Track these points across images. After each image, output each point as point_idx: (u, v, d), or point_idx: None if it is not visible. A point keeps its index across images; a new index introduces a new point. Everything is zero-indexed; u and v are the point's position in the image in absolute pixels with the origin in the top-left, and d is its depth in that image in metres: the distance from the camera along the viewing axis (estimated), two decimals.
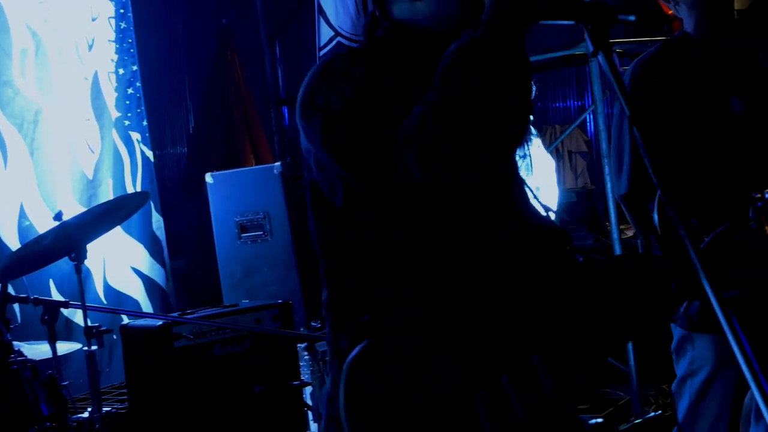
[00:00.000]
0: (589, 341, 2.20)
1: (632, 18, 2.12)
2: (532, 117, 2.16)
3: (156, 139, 7.74)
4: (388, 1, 2.26)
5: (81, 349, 4.58)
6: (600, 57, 2.09)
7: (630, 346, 6.12)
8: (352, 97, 2.05)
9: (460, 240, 2.15)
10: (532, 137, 5.81)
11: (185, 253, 7.81)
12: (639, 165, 3.40)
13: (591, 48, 2.09)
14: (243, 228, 6.19)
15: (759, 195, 2.79)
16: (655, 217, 3.14)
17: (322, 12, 6.07)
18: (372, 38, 2.28)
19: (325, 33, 6.10)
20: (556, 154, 9.41)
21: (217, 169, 6.50)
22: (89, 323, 4.39)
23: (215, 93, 9.07)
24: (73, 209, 5.89)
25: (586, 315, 2.22)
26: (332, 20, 6.05)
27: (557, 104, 10.49)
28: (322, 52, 6.15)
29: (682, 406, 3.54)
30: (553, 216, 2.47)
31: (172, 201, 7.80)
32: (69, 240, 4.34)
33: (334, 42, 6.07)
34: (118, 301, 6.56)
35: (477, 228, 2.17)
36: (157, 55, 8.30)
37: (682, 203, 1.94)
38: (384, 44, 2.25)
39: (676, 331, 3.54)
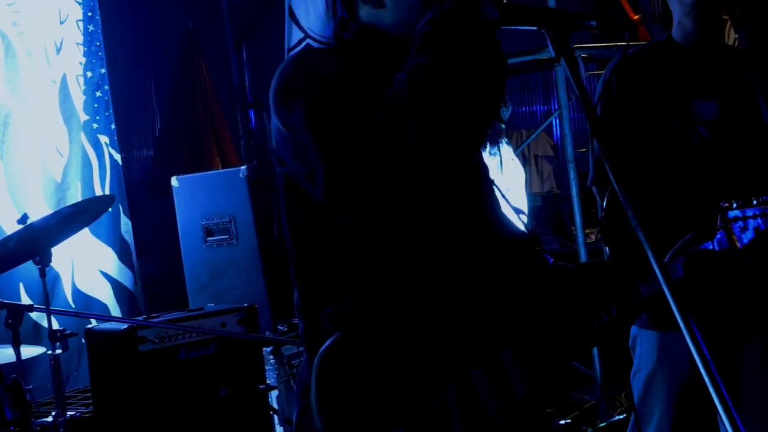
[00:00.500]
0: (557, 342, 2.24)
1: (594, 23, 2.14)
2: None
3: (123, 141, 7.71)
4: (355, 5, 2.29)
5: (46, 353, 4.55)
6: (562, 62, 2.12)
7: (595, 350, 6.16)
8: (330, 81, 2.08)
9: (443, 241, 2.18)
10: (502, 141, 5.82)
11: (153, 256, 7.78)
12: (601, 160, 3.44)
13: (553, 53, 2.11)
14: (209, 232, 6.17)
15: (727, 204, 2.81)
16: (600, 212, 3.18)
17: (292, 14, 6.07)
18: (340, 41, 2.29)
19: (295, 35, 6.09)
20: (523, 159, 9.44)
21: (184, 172, 6.47)
22: (56, 327, 4.36)
23: (182, 96, 9.06)
24: (41, 212, 5.87)
25: (555, 317, 2.26)
26: (302, 22, 6.05)
27: (524, 109, 10.52)
28: (291, 54, 6.14)
29: (636, 398, 3.60)
30: (525, 219, 2.50)
31: (139, 204, 7.77)
32: (33, 243, 4.30)
33: (303, 44, 6.07)
34: (87, 304, 6.53)
35: (457, 230, 2.20)
36: (124, 57, 8.28)
37: (649, 206, 1.96)
38: (352, 47, 2.27)
39: (632, 328, 3.59)
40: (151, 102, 9.31)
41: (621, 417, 6.00)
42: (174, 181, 6.29)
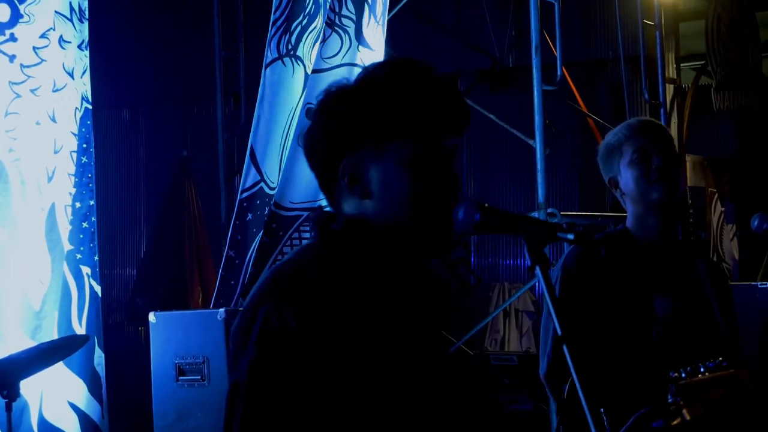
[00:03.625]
0: None
1: (571, 237, 2.18)
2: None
3: (106, 258, 7.71)
4: (338, 198, 2.28)
5: None
6: (537, 271, 2.15)
7: None
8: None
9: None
10: None
11: (124, 389, 7.71)
12: (559, 352, 3.45)
13: (529, 262, 2.15)
14: (181, 371, 6.11)
15: (676, 374, 2.82)
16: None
17: (253, 155, 6.17)
18: (327, 232, 2.27)
19: (251, 176, 6.20)
20: (504, 313, 9.48)
21: (164, 297, 6.45)
22: None
23: (169, 224, 9.11)
24: (17, 338, 5.92)
25: None
26: (261, 165, 6.16)
27: (507, 262, 10.55)
28: (243, 195, 6.23)
29: None
30: None
31: (115, 331, 7.74)
32: (2, 377, 4.30)
33: (257, 187, 6.19)
34: None
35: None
36: (116, 188, 8.35)
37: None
38: (339, 238, 2.25)
39: None
40: (139, 224, 9.37)
41: None
42: (151, 317, 6.25)
